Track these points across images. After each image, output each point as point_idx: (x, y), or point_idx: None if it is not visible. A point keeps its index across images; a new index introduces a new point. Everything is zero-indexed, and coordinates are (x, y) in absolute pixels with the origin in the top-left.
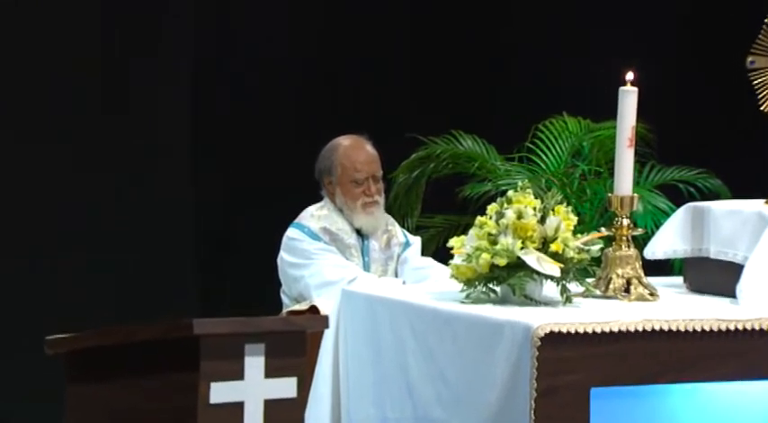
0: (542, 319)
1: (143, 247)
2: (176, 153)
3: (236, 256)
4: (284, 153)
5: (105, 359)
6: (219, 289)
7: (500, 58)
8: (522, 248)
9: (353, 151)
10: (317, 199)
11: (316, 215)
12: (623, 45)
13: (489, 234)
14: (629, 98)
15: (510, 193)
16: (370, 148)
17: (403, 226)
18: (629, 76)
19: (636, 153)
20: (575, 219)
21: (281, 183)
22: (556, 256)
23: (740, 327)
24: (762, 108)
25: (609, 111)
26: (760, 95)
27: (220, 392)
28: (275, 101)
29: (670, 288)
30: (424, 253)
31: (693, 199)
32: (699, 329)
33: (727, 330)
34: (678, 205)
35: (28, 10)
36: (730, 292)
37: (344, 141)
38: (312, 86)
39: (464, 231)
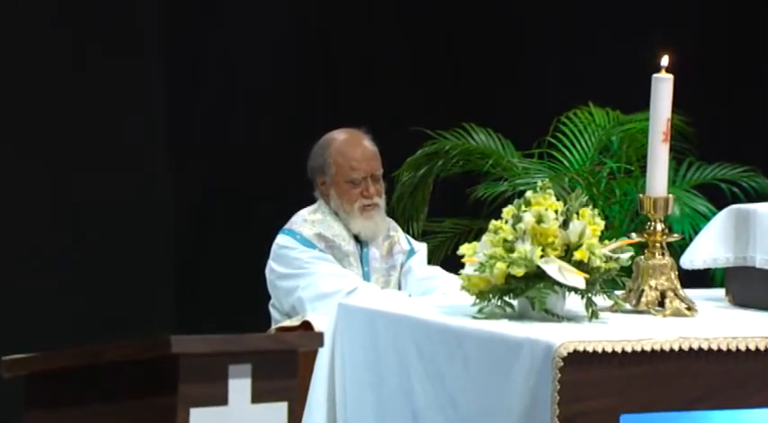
0: (565, 337)
1: (116, 255)
2: (155, 155)
3: (220, 267)
4: (275, 151)
5: (70, 382)
6: (200, 302)
7: (517, 42)
8: (542, 257)
9: (349, 147)
10: (311, 201)
11: (309, 220)
12: (657, 27)
13: (505, 240)
14: (663, 86)
15: (528, 193)
16: (368, 143)
17: (407, 231)
18: (664, 61)
19: (671, 149)
20: (602, 223)
21: (271, 184)
22: (580, 266)
23: None
24: None
25: (641, 101)
26: None
27: (201, 419)
28: (265, 95)
29: (710, 301)
30: (431, 261)
31: (737, 200)
32: (743, 349)
33: None
34: (720, 208)
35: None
36: None
37: (339, 136)
38: (306, 76)
39: (476, 237)
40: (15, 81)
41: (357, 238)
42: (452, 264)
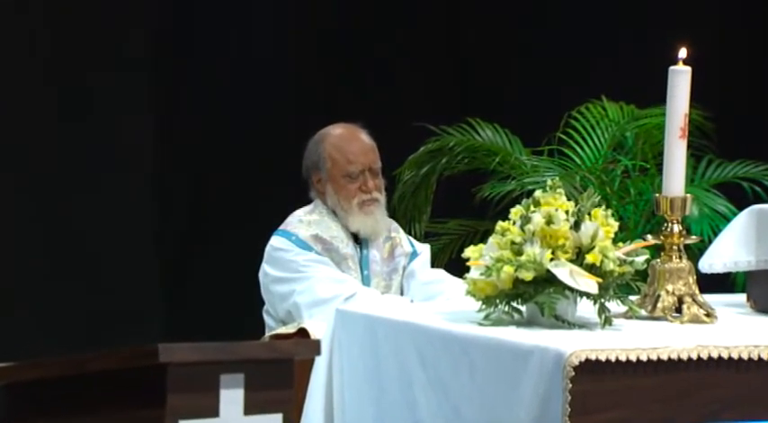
0: (576, 345)
1: (102, 259)
2: (146, 156)
3: (209, 271)
4: (271, 151)
5: (53, 393)
6: (190, 308)
7: (526, 32)
8: (551, 260)
9: (344, 141)
10: (306, 203)
11: (305, 220)
12: (674, 16)
13: (513, 243)
14: (680, 79)
15: (538, 193)
16: (365, 136)
17: (409, 233)
18: (682, 52)
19: (689, 145)
20: (615, 224)
21: (265, 185)
22: (592, 270)
23: None
24: None
25: (657, 94)
26: None
27: None
28: (254, 90)
29: (730, 308)
30: (435, 264)
31: (759, 200)
32: (765, 358)
33: None
34: (741, 208)
35: None
36: None
37: (334, 130)
38: (299, 69)
39: (482, 239)
40: (7, 82)
41: (356, 240)
42: (457, 267)
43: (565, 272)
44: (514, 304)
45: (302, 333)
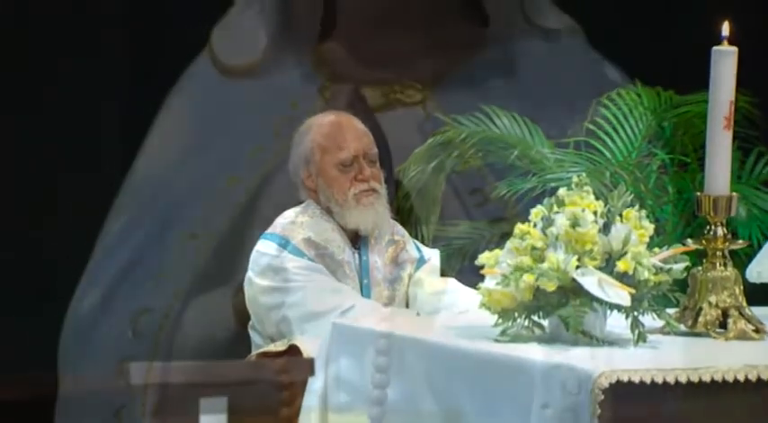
0: (606, 365)
1: (75, 269)
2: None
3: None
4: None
5: (25, 413)
6: (165, 323)
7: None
8: (577, 267)
9: (334, 127)
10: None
11: (297, 222)
12: None
13: (533, 248)
14: (725, 61)
15: (562, 191)
16: (357, 123)
17: (416, 236)
18: (725, 30)
19: (736, 136)
20: (651, 227)
21: (251, 184)
22: (624, 279)
23: None
24: None
25: (698, 79)
26: None
27: None
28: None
29: None
30: (445, 273)
31: None
32: None
33: None
34: None
35: None
36: None
37: (322, 119)
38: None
39: (499, 244)
40: None
41: (354, 244)
42: (470, 276)
43: (593, 281)
44: (535, 318)
45: (293, 351)
